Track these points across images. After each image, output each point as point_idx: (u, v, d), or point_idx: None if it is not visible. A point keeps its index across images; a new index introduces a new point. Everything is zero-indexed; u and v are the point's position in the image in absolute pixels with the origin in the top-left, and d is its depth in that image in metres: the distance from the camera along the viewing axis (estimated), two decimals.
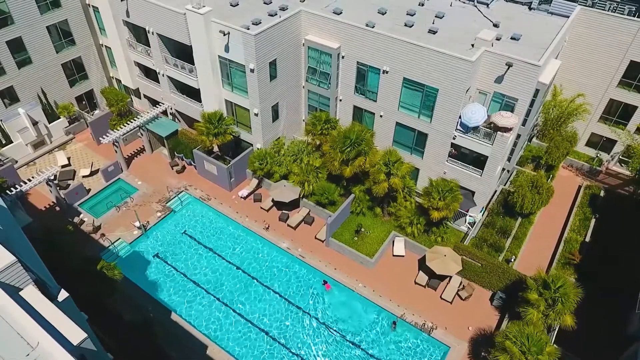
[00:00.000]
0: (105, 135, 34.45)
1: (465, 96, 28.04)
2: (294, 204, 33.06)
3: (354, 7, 32.69)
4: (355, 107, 33.28)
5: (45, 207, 33.30)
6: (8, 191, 29.91)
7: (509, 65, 26.45)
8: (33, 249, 17.63)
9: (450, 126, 29.33)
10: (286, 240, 31.48)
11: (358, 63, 30.89)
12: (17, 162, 36.09)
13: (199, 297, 28.69)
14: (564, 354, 21.93)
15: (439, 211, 28.04)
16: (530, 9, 33.36)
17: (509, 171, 34.43)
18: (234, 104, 33.81)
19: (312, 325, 27.39)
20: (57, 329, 12.39)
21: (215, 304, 28.39)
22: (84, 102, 40.80)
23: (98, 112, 41.60)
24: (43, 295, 13.64)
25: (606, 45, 32.34)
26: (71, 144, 38.89)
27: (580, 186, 35.50)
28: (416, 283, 28.92)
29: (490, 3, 33.60)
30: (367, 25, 30.12)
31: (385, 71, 29.78)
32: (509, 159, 32.43)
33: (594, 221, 31.99)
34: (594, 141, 37.05)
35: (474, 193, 31.41)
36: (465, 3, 34.29)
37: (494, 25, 31.11)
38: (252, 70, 30.20)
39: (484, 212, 32.22)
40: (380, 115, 32.08)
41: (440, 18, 32.09)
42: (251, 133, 34.47)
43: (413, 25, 30.93)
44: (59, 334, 12.26)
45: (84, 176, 35.61)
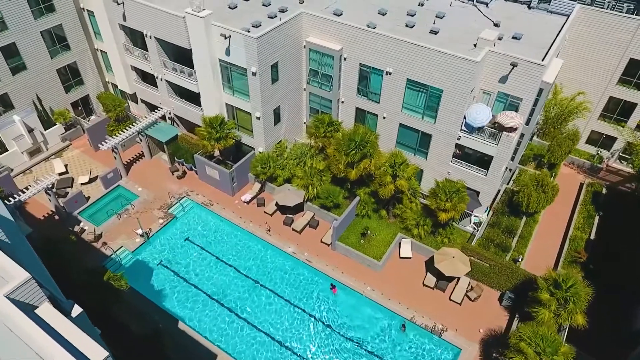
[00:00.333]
0: (103, 141, 33.87)
1: (469, 96, 27.97)
2: (297, 208, 32.74)
3: (353, 8, 32.49)
4: (357, 109, 33.06)
5: (44, 216, 32.63)
6: (6, 201, 29.21)
7: (513, 65, 26.40)
8: (41, 262, 17.17)
9: (455, 127, 29.23)
10: (291, 245, 31.16)
11: (360, 65, 30.67)
12: (13, 171, 35.35)
13: (205, 305, 28.26)
14: (578, 354, 21.87)
15: (446, 212, 27.92)
16: (529, 8, 33.43)
17: (511, 170, 34.48)
18: (235, 108, 33.41)
19: (321, 330, 27.11)
20: (78, 348, 11.98)
21: (222, 311, 27.99)
22: (79, 108, 40.10)
23: (94, 118, 41.02)
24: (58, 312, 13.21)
25: (606, 43, 32.49)
26: (68, 150, 38.18)
27: (581, 184, 35.66)
28: (424, 285, 28.79)
29: (490, 2, 33.61)
30: (369, 26, 29.95)
31: (388, 72, 29.59)
32: (512, 158, 32.44)
33: (597, 219, 32.11)
34: (593, 139, 37.25)
35: (478, 193, 31.36)
36: (464, 3, 34.27)
37: (495, 25, 31.13)
38: (254, 74, 29.83)
39: (489, 212, 32.19)
40: (384, 117, 31.89)
41: (441, 18, 32.02)
42: (253, 137, 34.09)
43: (414, 26, 30.85)
44: (79, 353, 11.87)
45: (83, 183, 34.97)
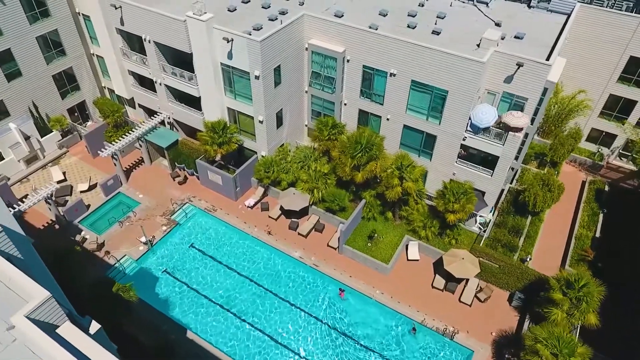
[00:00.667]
0: (103, 148, 33.27)
1: (475, 97, 27.91)
2: (302, 212, 32.44)
3: (353, 10, 32.27)
4: (360, 111, 32.85)
5: (43, 226, 31.94)
6: None
7: (519, 65, 26.35)
8: (53, 278, 16.69)
9: (460, 127, 29.16)
10: (298, 249, 30.86)
11: (364, 66, 30.45)
12: (10, 179, 34.57)
13: (213, 313, 27.88)
14: (594, 355, 21.88)
15: (454, 214, 27.84)
16: (529, 7, 33.46)
17: (514, 169, 34.51)
18: (237, 112, 33.01)
19: (331, 335, 26.88)
20: None
21: (230, 319, 27.62)
22: (76, 114, 39.38)
23: (91, 124, 40.34)
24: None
25: (606, 41, 32.65)
26: (65, 158, 37.45)
27: (584, 181, 35.86)
28: (433, 287, 28.68)
29: (490, 2, 33.60)
30: (371, 28, 29.75)
31: (392, 74, 29.42)
32: (516, 158, 32.46)
33: (602, 216, 32.28)
34: (593, 136, 37.46)
35: (484, 193, 31.34)
36: (464, 2, 34.21)
37: (496, 25, 31.10)
38: (257, 77, 29.46)
39: (494, 212, 32.19)
40: (387, 119, 31.72)
41: (442, 18, 31.92)
42: (255, 141, 33.71)
43: (416, 27, 30.70)
44: None
45: (82, 191, 34.31)
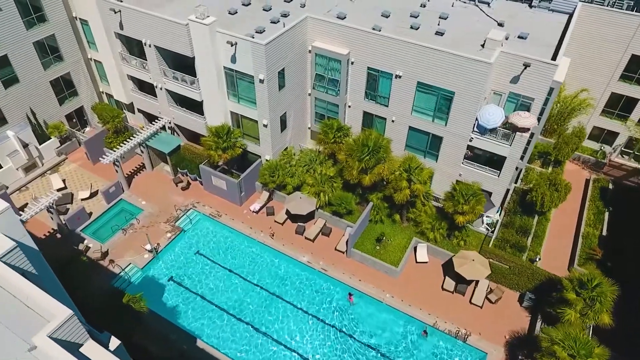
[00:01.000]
0: (104, 154, 32.71)
1: (482, 98, 27.82)
2: (309, 216, 32.13)
3: (355, 11, 32.05)
4: (365, 113, 32.62)
5: (45, 235, 31.31)
6: None
7: (526, 65, 26.28)
8: (65, 292, 16.26)
9: (467, 129, 29.05)
10: (306, 254, 30.55)
11: (369, 68, 30.24)
12: (8, 188, 33.87)
13: (222, 320, 27.49)
14: (612, 356, 21.81)
15: (464, 215, 27.73)
16: (530, 6, 33.47)
17: (519, 169, 34.49)
18: (240, 116, 32.63)
19: (342, 340, 26.62)
20: None
21: (239, 326, 27.25)
22: (74, 120, 38.70)
23: (89, 130, 39.70)
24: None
25: (607, 40, 32.76)
26: (64, 165, 36.78)
27: (587, 179, 35.97)
28: (443, 289, 28.54)
29: (491, 2, 33.56)
30: (374, 29, 29.55)
31: (398, 76, 29.24)
32: (522, 157, 32.43)
33: (607, 214, 32.36)
34: (595, 134, 37.60)
35: (490, 194, 31.27)
36: (466, 3, 34.14)
37: (499, 25, 31.06)
38: (262, 81, 29.12)
39: (500, 212, 32.15)
40: (392, 120, 31.51)
41: (445, 19, 31.81)
42: (259, 145, 33.35)
43: (419, 28, 30.56)
44: None
45: (83, 199, 33.70)
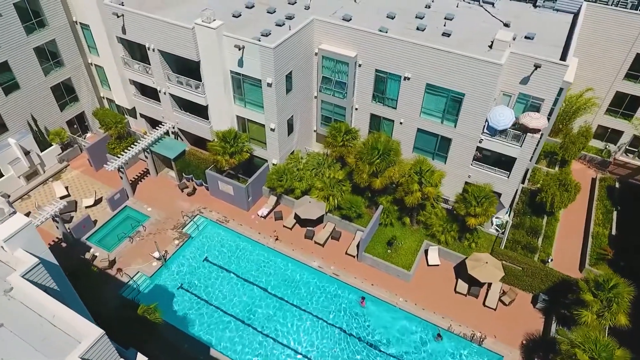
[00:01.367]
0: (108, 161, 32.28)
1: (492, 99, 27.71)
2: (317, 220, 31.79)
3: (360, 13, 31.81)
4: (372, 115, 32.39)
5: (50, 245, 30.67)
6: None
7: (537, 66, 26.19)
8: (85, 308, 15.85)
9: (477, 130, 28.93)
10: (316, 259, 30.27)
11: (377, 71, 30.00)
12: (10, 197, 33.21)
13: (234, 328, 27.12)
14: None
15: (476, 217, 27.60)
16: (535, 6, 33.42)
17: (526, 169, 34.49)
18: (247, 120, 32.27)
19: (356, 345, 26.37)
20: None
21: (251, 333, 26.90)
22: (75, 126, 38.09)
23: (90, 135, 39.13)
24: None
25: (612, 40, 32.80)
26: (66, 172, 36.17)
27: (593, 178, 36.04)
28: (456, 292, 28.40)
29: (496, 2, 33.49)
30: (381, 31, 29.33)
31: (406, 78, 29.04)
32: (530, 158, 32.42)
33: (616, 214, 32.42)
34: (599, 133, 37.68)
35: (499, 195, 31.19)
36: (470, 3, 34.04)
37: (505, 25, 30.99)
38: (270, 85, 28.79)
39: (510, 213, 32.09)
40: (400, 122, 31.30)
41: (450, 20, 31.68)
42: (266, 149, 33.01)
43: (425, 29, 30.40)
44: None
45: (87, 206, 33.13)
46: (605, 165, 36.84)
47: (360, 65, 30.23)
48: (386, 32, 29.25)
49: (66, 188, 34.29)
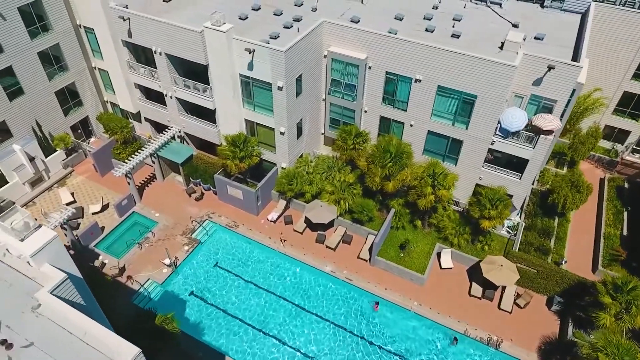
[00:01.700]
0: (114, 166, 31.78)
1: (505, 101, 27.58)
2: (328, 224, 31.55)
3: (368, 15, 31.56)
4: (382, 118, 32.16)
5: None
6: None
7: (551, 67, 26.07)
8: (109, 322, 15.50)
9: (489, 132, 28.77)
10: (328, 263, 29.99)
11: (387, 73, 29.76)
12: (15, 204, 32.58)
13: (248, 335, 26.80)
14: None
15: (490, 220, 27.45)
16: (542, 7, 33.33)
17: None
18: (256, 124, 31.92)
19: (372, 351, 26.14)
20: None
21: (265, 340, 26.59)
22: (79, 131, 37.57)
23: (94, 140, 38.64)
24: None
25: (620, 39, 32.81)
26: (71, 177, 35.64)
27: (601, 179, 36.03)
28: (471, 295, 28.24)
29: (503, 3, 33.36)
30: (390, 33, 29.10)
31: (417, 80, 28.83)
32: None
33: (626, 214, 32.42)
34: (607, 133, 37.67)
35: (511, 196, 31.04)
36: (477, 4, 33.91)
37: (514, 26, 30.88)
38: (280, 88, 28.48)
39: (521, 215, 31.99)
40: (411, 125, 31.11)
41: (459, 21, 31.52)
42: (275, 152, 32.69)
43: (434, 31, 30.23)
44: None
45: (94, 213, 32.65)
46: (612, 165, 36.87)
47: (370, 67, 29.99)
48: (395, 34, 29.06)
49: (72, 194, 33.79)
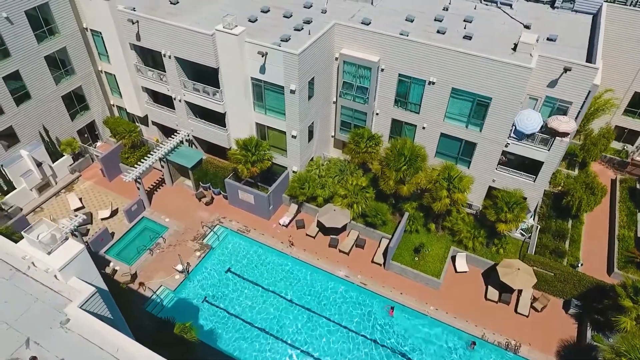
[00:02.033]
0: (122, 171, 31.40)
1: (520, 103, 27.37)
2: (341, 228, 31.22)
3: (378, 16, 31.34)
4: (393, 120, 31.90)
5: None
6: None
7: (567, 69, 25.86)
8: (132, 334, 15.16)
9: (503, 134, 28.54)
10: (342, 268, 29.70)
11: (400, 75, 29.50)
12: (22, 210, 32.23)
13: (263, 341, 26.47)
14: None
15: (507, 223, 27.22)
16: (553, 7, 33.17)
17: None
18: (267, 127, 31.60)
19: (389, 356, 25.85)
20: None
21: (281, 347, 26.27)
22: (85, 135, 37.12)
23: (100, 144, 38.21)
24: None
25: (631, 40, 32.68)
26: (78, 183, 35.21)
27: (612, 180, 35.88)
28: (487, 299, 28.00)
29: (513, 4, 33.18)
30: (402, 35, 28.85)
31: (431, 82, 28.58)
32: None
33: (639, 215, 32.27)
34: (616, 133, 37.45)
35: (524, 199, 30.83)
36: (488, 5, 33.72)
37: (525, 27, 30.72)
38: (293, 91, 28.18)
39: (534, 217, 31.79)
40: (423, 127, 30.86)
41: (470, 22, 31.33)
42: (286, 156, 32.37)
43: (446, 32, 30.03)
44: None
45: (104, 218, 32.24)
46: (623, 166, 36.73)
47: (383, 70, 29.72)
48: (407, 36, 28.82)
49: (80, 200, 33.36)
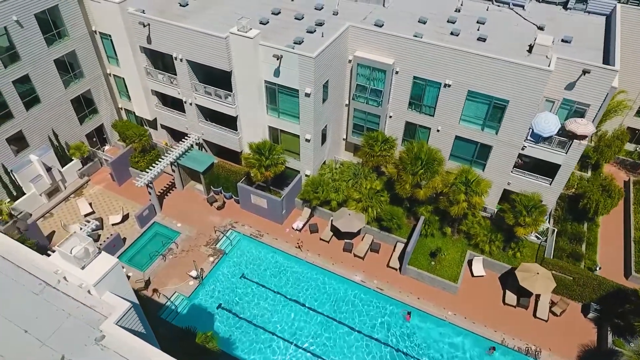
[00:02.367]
0: (133, 175, 31.00)
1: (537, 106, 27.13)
2: (355, 232, 30.96)
3: (390, 18, 30.98)
4: (407, 123, 31.60)
5: None
6: (45, 255, 25.92)
7: (585, 72, 25.65)
8: (159, 348, 14.77)
9: (520, 137, 28.28)
10: (358, 273, 29.40)
11: (415, 78, 29.20)
12: (32, 215, 31.80)
13: (280, 348, 26.15)
14: None
15: (525, 227, 26.98)
16: (565, 8, 32.96)
17: None
18: (280, 131, 31.27)
19: None
20: None
21: (300, 354, 25.94)
22: (94, 139, 36.69)
23: (109, 148, 37.79)
24: None
25: None
26: (87, 187, 34.78)
27: (625, 181, 35.71)
28: (505, 303, 27.76)
29: (525, 5, 32.94)
30: (416, 36, 28.56)
31: (447, 85, 28.31)
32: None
33: None
34: (629, 135, 37.33)
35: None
36: (500, 6, 33.49)
37: (539, 28, 30.49)
38: (308, 95, 27.86)
39: (549, 220, 31.58)
40: (437, 130, 30.58)
41: (483, 24, 31.09)
42: (299, 160, 32.05)
43: (459, 34, 29.76)
44: None
45: (114, 224, 31.83)
46: (636, 168, 36.59)
47: (397, 72, 29.42)
48: (421, 38, 28.55)
49: (90, 204, 32.95)
